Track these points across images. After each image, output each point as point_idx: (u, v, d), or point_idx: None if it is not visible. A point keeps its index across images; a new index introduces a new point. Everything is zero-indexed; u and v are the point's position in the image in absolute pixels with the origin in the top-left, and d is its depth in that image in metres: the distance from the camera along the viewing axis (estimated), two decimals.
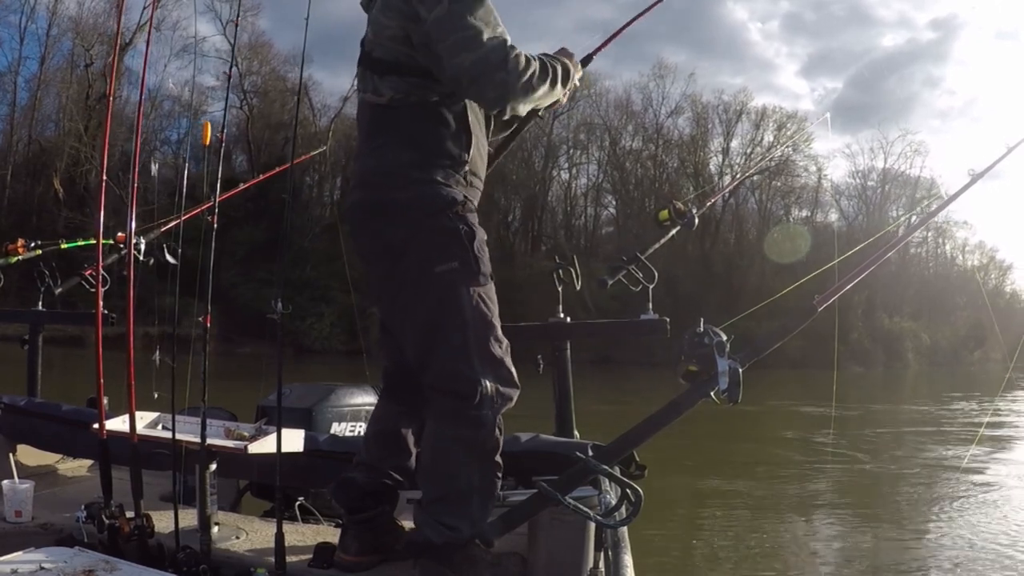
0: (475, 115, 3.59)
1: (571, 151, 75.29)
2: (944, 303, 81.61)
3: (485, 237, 3.54)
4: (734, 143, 77.97)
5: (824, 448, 19.80)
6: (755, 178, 68.22)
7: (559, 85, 3.57)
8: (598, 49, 4.55)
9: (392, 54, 3.47)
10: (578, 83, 3.92)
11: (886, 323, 74.35)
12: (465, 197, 3.50)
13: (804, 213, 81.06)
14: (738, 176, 69.47)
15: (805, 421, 24.05)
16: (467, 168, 3.54)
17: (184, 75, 52.18)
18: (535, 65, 3.41)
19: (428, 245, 3.41)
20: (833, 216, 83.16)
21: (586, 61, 4.34)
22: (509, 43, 3.34)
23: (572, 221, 77.47)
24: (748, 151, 76.76)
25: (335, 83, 65.54)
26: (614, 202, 78.17)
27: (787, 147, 69.80)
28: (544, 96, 3.52)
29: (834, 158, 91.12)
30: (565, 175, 76.88)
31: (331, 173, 62.53)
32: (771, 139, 76.53)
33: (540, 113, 3.95)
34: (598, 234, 77.18)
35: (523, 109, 3.55)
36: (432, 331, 3.43)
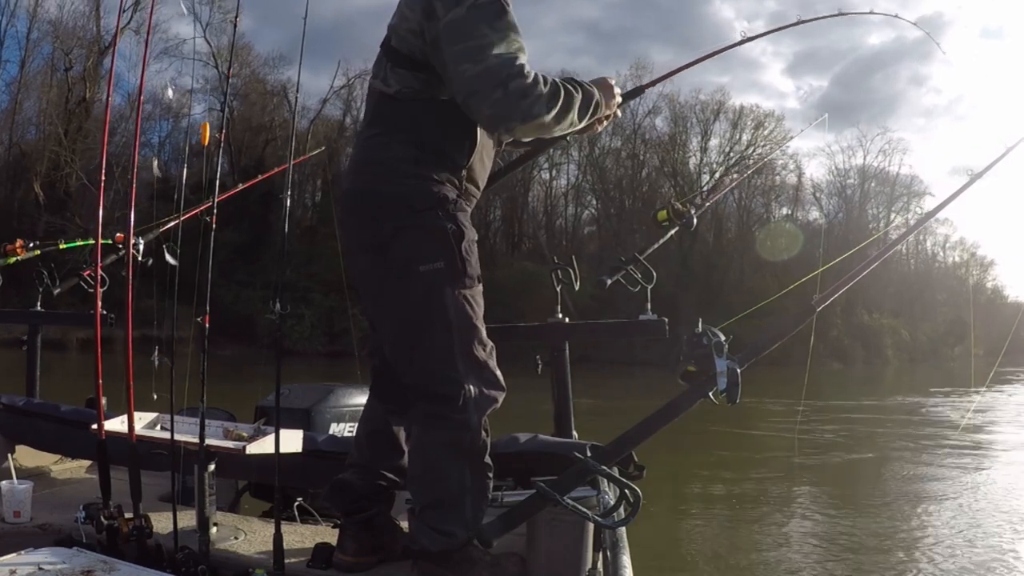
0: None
1: (551, 151, 75.25)
2: (925, 299, 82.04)
3: (475, 238, 3.47)
4: (714, 142, 78.32)
5: (803, 440, 19.90)
6: (734, 176, 68.42)
7: (575, 114, 3.35)
8: (651, 83, 4.53)
9: (407, 46, 3.40)
10: (618, 113, 3.83)
11: (866, 319, 74.71)
12: (457, 196, 3.44)
13: (784, 211, 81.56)
14: (734, 174, 69.49)
15: (782, 416, 24.08)
16: (464, 174, 3.49)
17: (164, 78, 51.92)
18: (546, 90, 3.20)
19: (414, 242, 3.35)
20: (813, 214, 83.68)
21: (634, 93, 4.33)
22: (520, 62, 3.16)
23: (553, 221, 77.53)
24: (727, 150, 77.16)
25: (316, 84, 65.33)
26: (595, 202, 78.31)
27: (783, 145, 70.30)
28: (555, 124, 3.30)
29: (816, 156, 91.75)
30: (546, 175, 76.98)
31: (311, 176, 62.38)
32: (748, 138, 77.03)
33: (568, 139, 3.87)
34: (580, 234, 77.23)
35: (526, 133, 3.41)
36: (413, 331, 3.39)
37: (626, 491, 3.12)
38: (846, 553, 10.39)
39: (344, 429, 5.18)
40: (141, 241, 5.34)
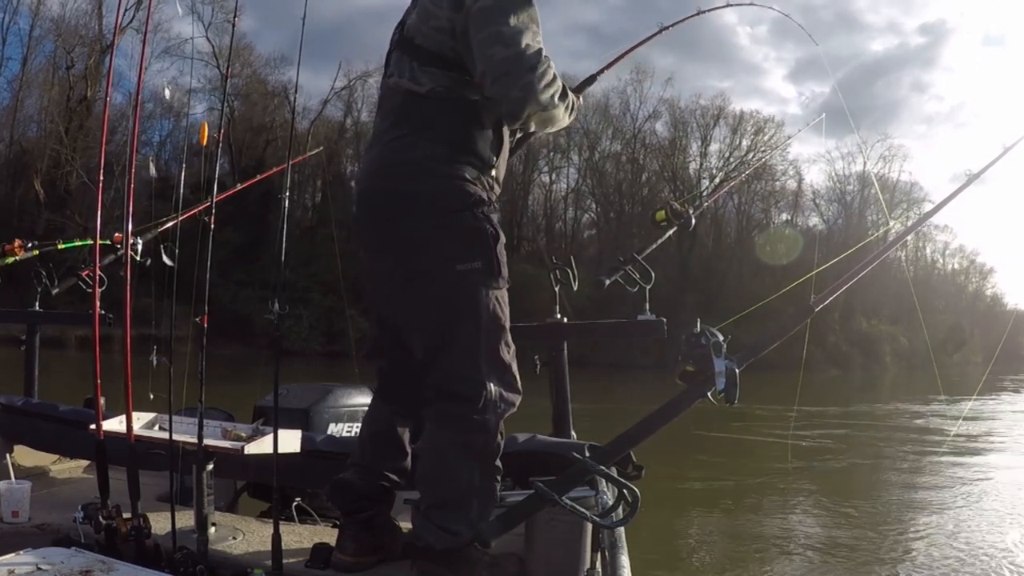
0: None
1: (551, 155, 75.26)
2: (924, 306, 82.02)
3: (505, 240, 3.51)
4: (714, 147, 78.39)
5: (797, 446, 19.87)
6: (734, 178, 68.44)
7: (567, 113, 3.53)
8: (600, 71, 4.57)
9: (436, 44, 3.43)
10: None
11: (864, 326, 74.77)
12: (489, 198, 3.47)
13: (784, 216, 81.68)
14: (732, 176, 69.43)
15: (775, 421, 24.04)
16: (493, 173, 3.52)
17: (165, 77, 51.92)
18: (560, 84, 3.39)
19: (452, 242, 3.37)
20: (813, 220, 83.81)
21: (588, 83, 4.38)
22: (545, 53, 3.31)
23: (553, 224, 77.46)
24: (727, 155, 77.28)
25: (316, 84, 65.23)
26: (594, 206, 78.28)
27: (783, 147, 70.28)
28: (555, 118, 3.49)
29: (817, 162, 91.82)
30: (546, 178, 76.92)
31: (311, 176, 62.36)
32: (748, 143, 77.20)
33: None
34: (579, 238, 77.18)
35: (535, 122, 3.49)
36: (444, 330, 3.39)
37: (624, 491, 3.11)
38: (840, 556, 10.43)
39: (343, 429, 5.17)
40: (139, 241, 5.35)
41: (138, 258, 5.11)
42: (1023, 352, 59.43)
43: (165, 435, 3.69)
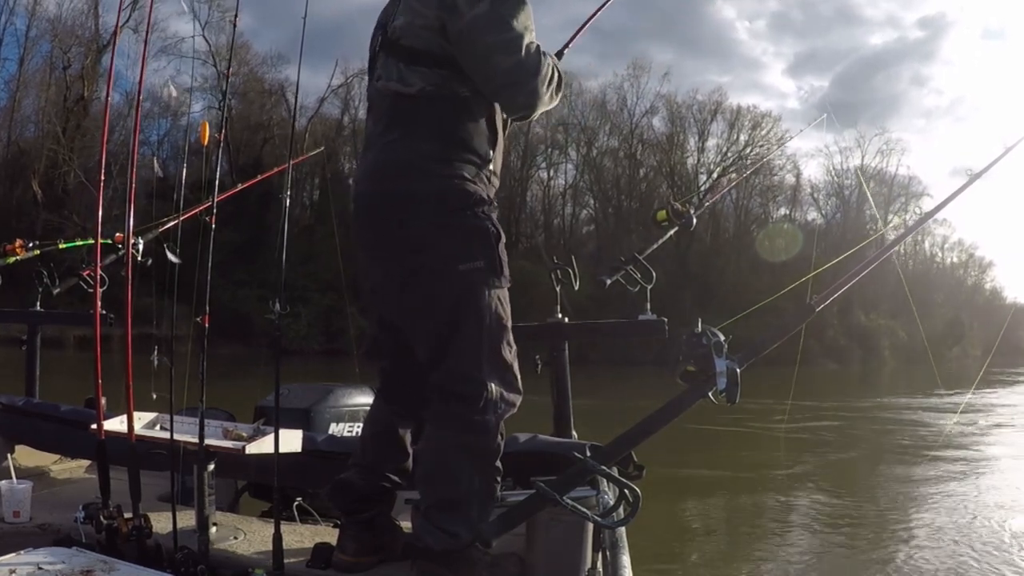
0: (500, 114, 3.56)
1: (549, 151, 75.18)
2: (923, 299, 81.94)
3: (505, 239, 3.50)
4: (711, 142, 78.42)
5: (791, 440, 19.94)
6: (732, 176, 68.41)
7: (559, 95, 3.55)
8: (565, 47, 4.56)
9: (424, 43, 3.40)
10: None
11: (862, 319, 74.69)
12: (489, 196, 3.46)
13: (782, 211, 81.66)
14: (732, 174, 69.37)
15: (771, 415, 24.04)
16: (491, 167, 3.50)
17: (163, 76, 51.71)
18: (558, 76, 3.44)
19: (453, 241, 3.36)
20: (812, 214, 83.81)
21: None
22: (542, 51, 3.34)
23: (551, 221, 77.38)
24: (725, 150, 77.32)
25: (314, 82, 65.09)
26: (592, 202, 78.23)
27: (783, 144, 70.27)
28: (550, 106, 3.52)
29: (816, 156, 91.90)
30: (543, 175, 76.84)
31: (309, 175, 62.23)
32: (745, 138, 77.24)
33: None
34: (578, 234, 77.09)
35: (539, 113, 3.53)
36: (447, 330, 3.38)
37: (625, 491, 3.10)
38: (839, 548, 10.47)
39: (343, 429, 5.16)
40: (140, 241, 5.34)
41: (139, 258, 5.10)
42: (1023, 345, 59.47)
43: (166, 435, 3.70)
